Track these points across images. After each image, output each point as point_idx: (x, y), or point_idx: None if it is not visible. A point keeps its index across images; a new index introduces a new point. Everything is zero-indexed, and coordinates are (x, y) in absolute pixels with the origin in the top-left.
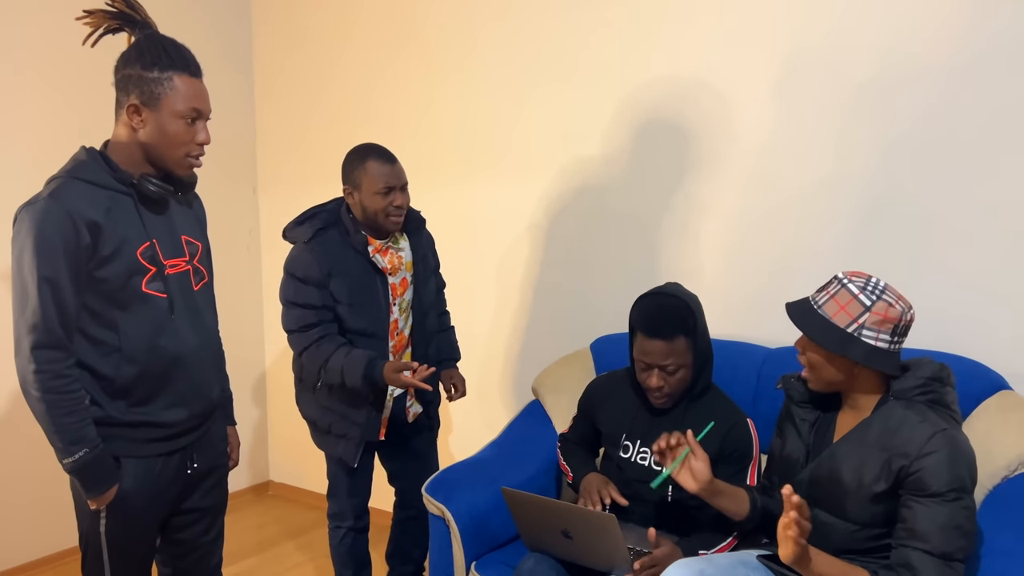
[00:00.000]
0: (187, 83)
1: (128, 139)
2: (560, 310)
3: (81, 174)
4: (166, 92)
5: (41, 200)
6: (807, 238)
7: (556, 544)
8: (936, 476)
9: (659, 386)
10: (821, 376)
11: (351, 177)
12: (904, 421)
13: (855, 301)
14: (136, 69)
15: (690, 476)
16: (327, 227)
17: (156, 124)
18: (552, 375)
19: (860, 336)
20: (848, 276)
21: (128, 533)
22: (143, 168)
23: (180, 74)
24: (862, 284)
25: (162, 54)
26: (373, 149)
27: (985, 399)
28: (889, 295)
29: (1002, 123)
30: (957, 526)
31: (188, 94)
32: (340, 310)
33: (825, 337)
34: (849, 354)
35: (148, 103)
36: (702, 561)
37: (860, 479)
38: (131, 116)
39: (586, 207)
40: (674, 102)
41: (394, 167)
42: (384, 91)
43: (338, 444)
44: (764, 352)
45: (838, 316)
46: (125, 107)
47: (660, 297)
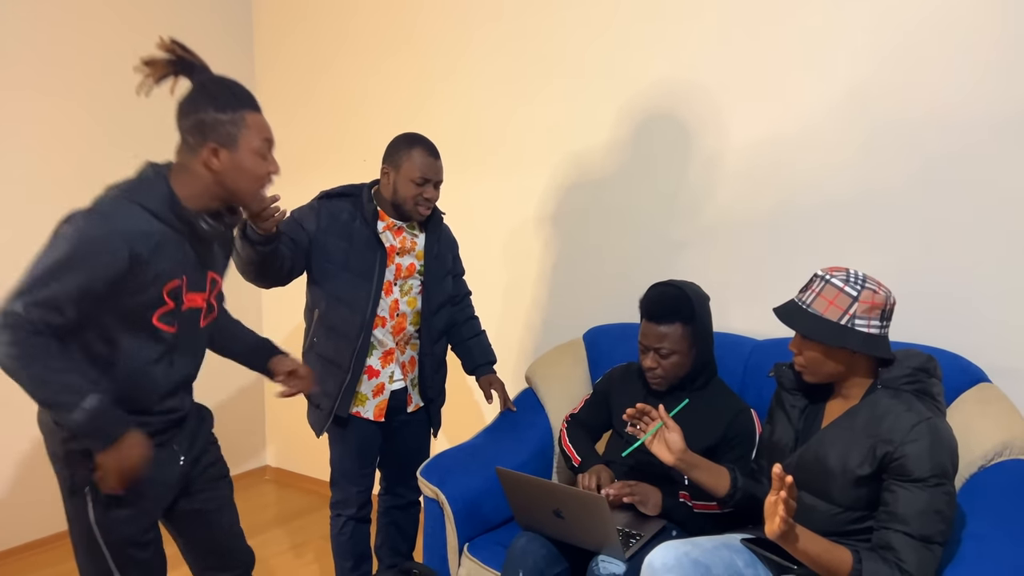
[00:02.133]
0: (256, 119)
1: (200, 177)
2: (554, 301)
3: (144, 200)
4: (241, 132)
5: (96, 215)
6: (795, 233)
7: (548, 523)
8: (919, 462)
9: (652, 367)
10: (820, 371)
11: (394, 158)
12: (890, 409)
13: (842, 294)
14: (210, 113)
15: (665, 447)
16: (341, 196)
17: (234, 163)
18: (545, 364)
19: (854, 326)
20: (828, 272)
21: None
22: (206, 204)
23: (250, 112)
24: (844, 277)
25: (231, 96)
26: (423, 140)
27: (964, 391)
28: (871, 283)
29: (988, 122)
30: (937, 510)
31: (261, 129)
32: (327, 269)
33: (821, 333)
34: (847, 344)
35: (226, 144)
36: (686, 543)
37: (845, 463)
38: (209, 158)
39: (580, 202)
40: (669, 100)
41: (436, 162)
42: (381, 87)
43: (313, 415)
44: (752, 344)
45: (829, 311)
46: (200, 149)
47: (664, 286)
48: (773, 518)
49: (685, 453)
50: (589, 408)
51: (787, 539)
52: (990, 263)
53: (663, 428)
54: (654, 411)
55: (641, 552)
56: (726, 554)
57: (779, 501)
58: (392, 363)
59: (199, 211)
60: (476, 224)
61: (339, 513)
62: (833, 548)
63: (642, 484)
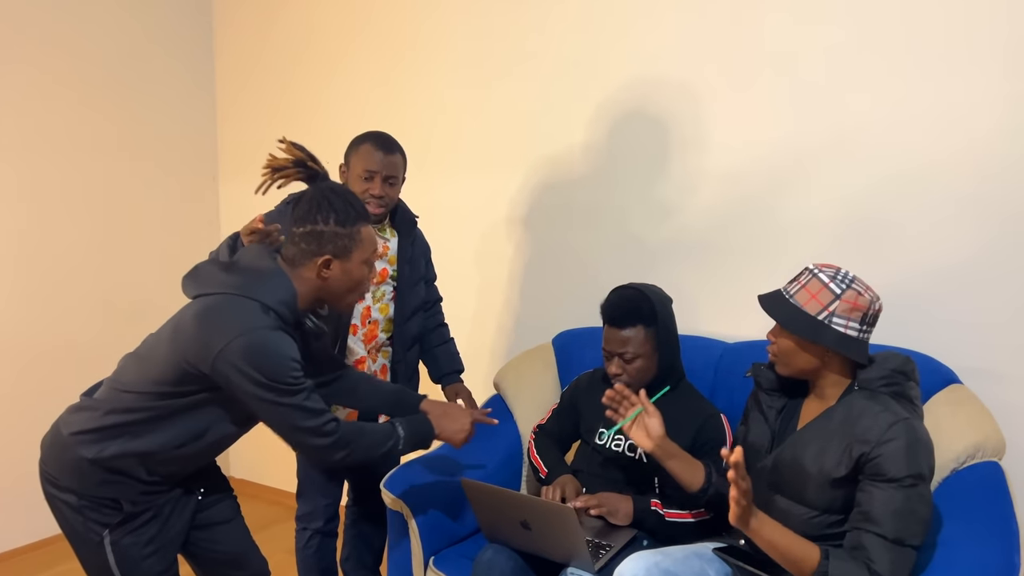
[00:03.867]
0: (368, 233)
1: (308, 281)
2: (522, 304)
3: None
4: (356, 245)
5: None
6: (767, 235)
7: (515, 535)
8: (894, 463)
9: (617, 373)
10: (792, 363)
11: (347, 155)
12: (866, 410)
13: (825, 289)
14: (331, 226)
15: (644, 433)
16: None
17: (344, 272)
18: (514, 369)
19: (831, 323)
20: (818, 267)
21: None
22: (307, 305)
23: (364, 226)
24: (832, 274)
25: (351, 210)
26: (375, 134)
27: (936, 393)
28: (858, 285)
29: (956, 127)
30: (912, 511)
31: (371, 242)
32: None
33: (797, 324)
34: (820, 340)
35: (340, 256)
36: (657, 553)
37: (821, 465)
38: (322, 268)
39: (550, 203)
40: (642, 101)
41: (386, 156)
42: (350, 83)
43: None
44: (722, 347)
45: (809, 304)
46: (315, 258)
47: (624, 289)
48: (732, 504)
49: (664, 440)
50: (556, 418)
51: (747, 523)
52: (959, 264)
53: (643, 413)
54: (634, 396)
55: (611, 563)
56: (697, 564)
57: (732, 484)
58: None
59: (306, 313)
60: (446, 226)
61: (305, 527)
62: (800, 541)
63: (611, 495)
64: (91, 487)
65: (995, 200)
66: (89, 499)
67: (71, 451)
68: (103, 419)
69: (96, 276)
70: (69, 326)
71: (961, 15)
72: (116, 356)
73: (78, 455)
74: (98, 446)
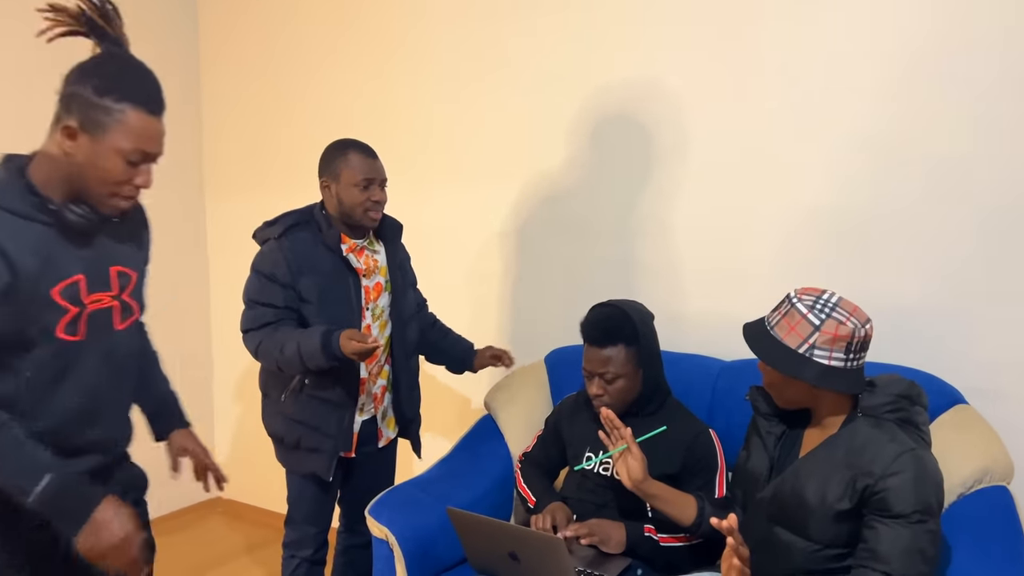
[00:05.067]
0: (141, 120)
1: (56, 159)
2: (513, 323)
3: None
4: (112, 124)
5: None
6: (761, 250)
7: (503, 567)
8: (901, 497)
9: (599, 394)
10: (784, 396)
11: (330, 168)
12: (871, 439)
13: (804, 321)
14: (87, 90)
15: (625, 473)
16: (299, 224)
17: (91, 153)
18: (505, 389)
19: (812, 357)
20: (799, 295)
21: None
22: (67, 191)
23: (135, 109)
24: (811, 302)
25: (122, 83)
26: (354, 142)
27: (941, 414)
28: (840, 312)
29: (959, 134)
30: (920, 550)
31: (142, 135)
32: (307, 310)
33: (777, 360)
34: (802, 376)
35: (88, 128)
36: None
37: (824, 497)
38: (63, 138)
39: (541, 218)
40: (632, 110)
41: (376, 162)
42: (337, 93)
43: (309, 459)
44: (719, 365)
45: (789, 337)
46: (60, 126)
47: (603, 307)
48: (729, 573)
49: (644, 483)
50: (542, 445)
51: None
52: (964, 281)
53: (627, 451)
54: (623, 429)
55: None
56: None
57: (731, 552)
58: (363, 394)
59: (64, 203)
60: (434, 242)
61: (292, 554)
62: None
63: (603, 522)
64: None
65: (1003, 217)
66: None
67: None
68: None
69: None
70: None
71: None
72: None
73: None
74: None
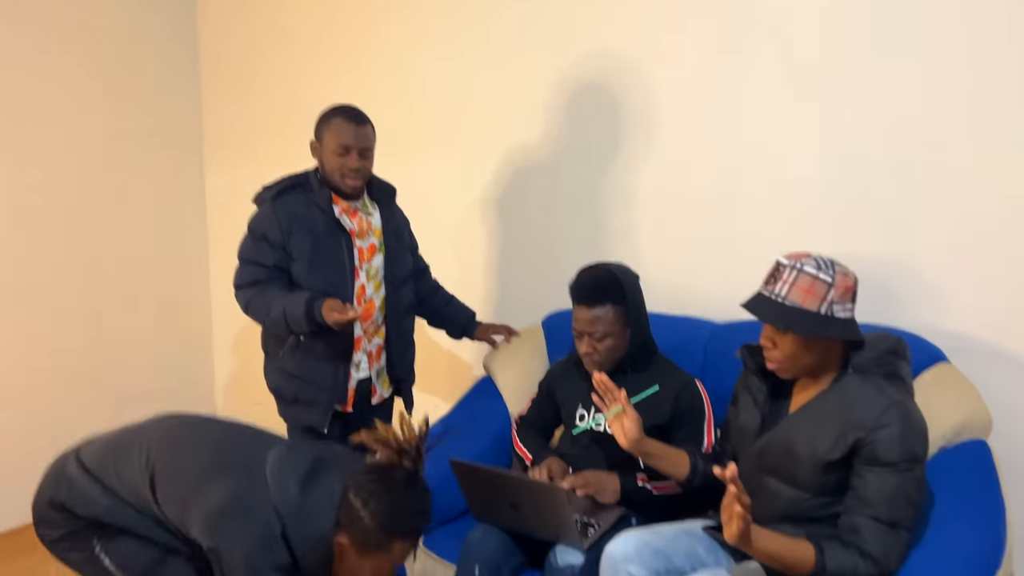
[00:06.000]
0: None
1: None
2: (512, 287)
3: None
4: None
5: None
6: (749, 213)
7: (504, 515)
8: (889, 447)
9: (588, 352)
10: (798, 365)
11: (318, 131)
12: (861, 394)
13: (818, 281)
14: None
15: (621, 433)
16: (295, 187)
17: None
18: (503, 351)
19: (833, 314)
20: (795, 260)
21: None
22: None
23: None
24: (815, 264)
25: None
26: (344, 108)
27: (922, 371)
28: (839, 267)
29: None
30: (906, 495)
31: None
32: (298, 269)
33: (803, 324)
34: (829, 333)
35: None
36: (646, 531)
37: (814, 449)
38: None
39: (535, 185)
40: (618, 82)
41: (359, 128)
42: (327, 68)
43: (306, 412)
44: (711, 327)
45: (808, 301)
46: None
47: (591, 269)
48: (732, 521)
49: (639, 442)
50: (536, 407)
51: (745, 541)
52: (944, 240)
53: (622, 412)
54: (616, 391)
55: (600, 542)
56: (687, 542)
57: (732, 501)
58: (359, 351)
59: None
60: (423, 212)
61: None
62: (793, 544)
63: (598, 473)
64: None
65: (987, 177)
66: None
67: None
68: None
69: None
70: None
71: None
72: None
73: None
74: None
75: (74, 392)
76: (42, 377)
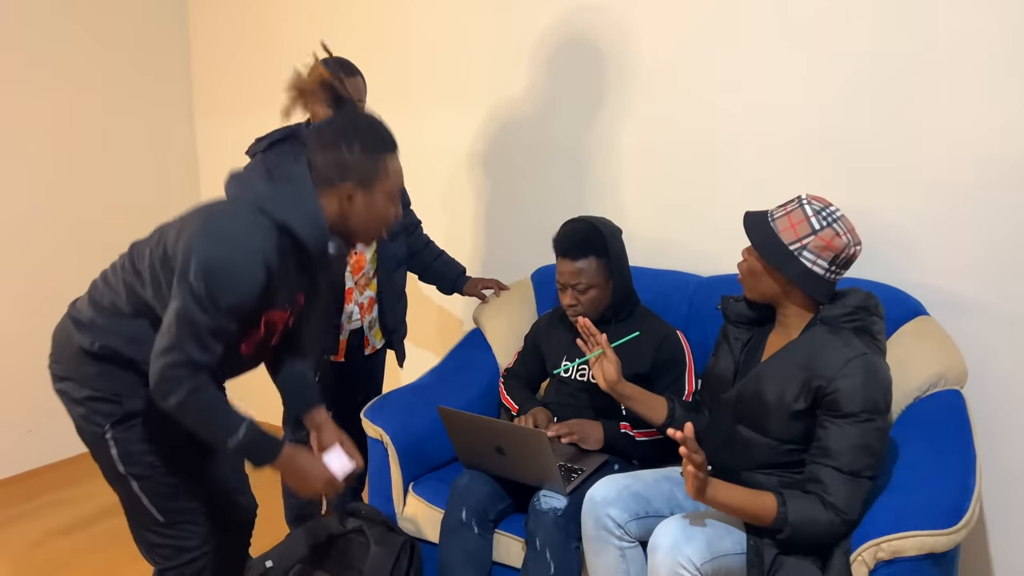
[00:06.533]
0: (395, 164)
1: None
2: (500, 241)
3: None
4: (381, 176)
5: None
6: (738, 168)
7: (490, 461)
8: (850, 398)
9: (572, 304)
10: (755, 285)
11: None
12: (827, 345)
13: (806, 222)
14: (356, 153)
15: (601, 375)
16: (285, 139)
17: (367, 204)
18: (493, 304)
19: (800, 256)
20: (809, 198)
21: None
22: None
23: (391, 155)
24: (818, 208)
25: (377, 138)
26: (339, 61)
27: (902, 324)
28: (839, 225)
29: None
30: (866, 445)
31: (396, 175)
32: None
33: (766, 249)
34: (784, 270)
35: (363, 185)
36: (627, 477)
37: (782, 397)
38: (344, 198)
39: (523, 138)
40: (605, 34)
41: (351, 79)
42: (316, 19)
43: None
44: (696, 280)
45: (785, 232)
46: (337, 186)
47: (574, 222)
48: (687, 480)
49: (618, 384)
50: (522, 360)
51: (703, 494)
52: (924, 195)
53: (603, 355)
54: (599, 335)
55: (583, 487)
56: (666, 487)
57: (685, 461)
58: (351, 303)
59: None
60: (416, 162)
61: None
62: (755, 496)
63: (582, 421)
64: (89, 378)
65: (970, 140)
66: (90, 390)
67: (71, 340)
68: (95, 309)
69: (68, 215)
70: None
71: None
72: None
73: (75, 344)
74: (90, 336)
75: None
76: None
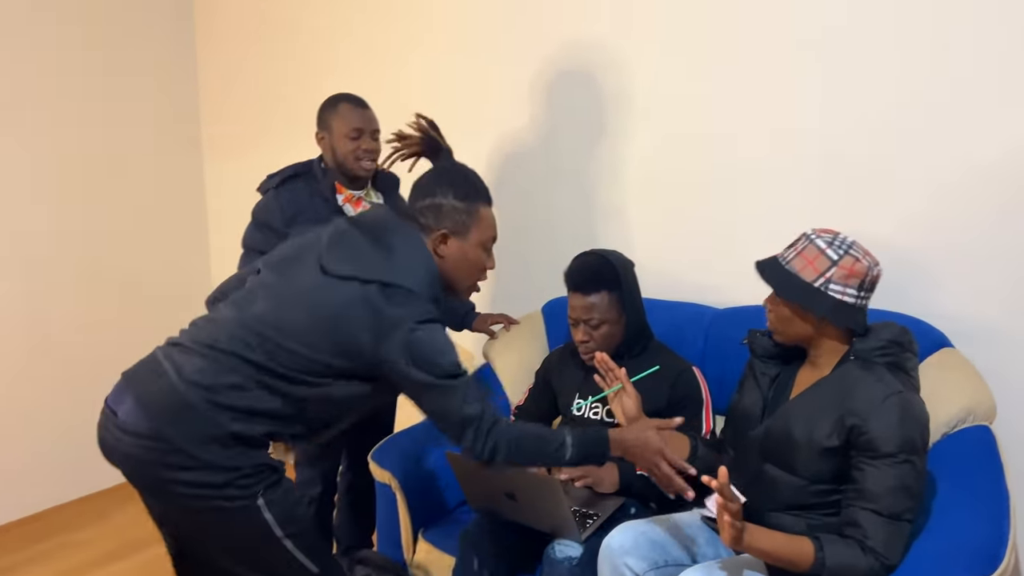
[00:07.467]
0: (488, 214)
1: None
2: (511, 273)
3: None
4: (475, 223)
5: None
6: (752, 198)
7: (501, 506)
8: (886, 438)
9: (584, 340)
10: (788, 331)
11: (323, 120)
12: (860, 381)
13: (822, 256)
14: (450, 200)
15: (620, 411)
16: (297, 175)
17: (460, 251)
18: (502, 339)
19: (827, 290)
20: (816, 232)
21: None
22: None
23: (484, 206)
24: (829, 239)
25: (471, 187)
26: (345, 95)
27: (926, 357)
28: (856, 250)
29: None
30: (905, 487)
31: (490, 225)
32: None
33: (792, 291)
34: (816, 308)
35: (456, 232)
36: (645, 523)
37: (811, 435)
38: (438, 242)
39: (535, 170)
40: (611, 62)
41: (365, 112)
42: (327, 53)
43: None
44: (712, 313)
45: (805, 271)
46: (432, 233)
47: (586, 256)
48: (723, 529)
49: (638, 420)
50: (533, 398)
51: (740, 542)
52: (949, 224)
53: (622, 390)
54: (618, 370)
55: (598, 533)
56: (686, 533)
57: (721, 509)
58: None
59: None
60: None
61: (303, 494)
62: (791, 541)
63: (595, 469)
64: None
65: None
66: (236, 470)
67: (216, 426)
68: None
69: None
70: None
71: None
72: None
73: (227, 430)
74: (249, 424)
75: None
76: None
